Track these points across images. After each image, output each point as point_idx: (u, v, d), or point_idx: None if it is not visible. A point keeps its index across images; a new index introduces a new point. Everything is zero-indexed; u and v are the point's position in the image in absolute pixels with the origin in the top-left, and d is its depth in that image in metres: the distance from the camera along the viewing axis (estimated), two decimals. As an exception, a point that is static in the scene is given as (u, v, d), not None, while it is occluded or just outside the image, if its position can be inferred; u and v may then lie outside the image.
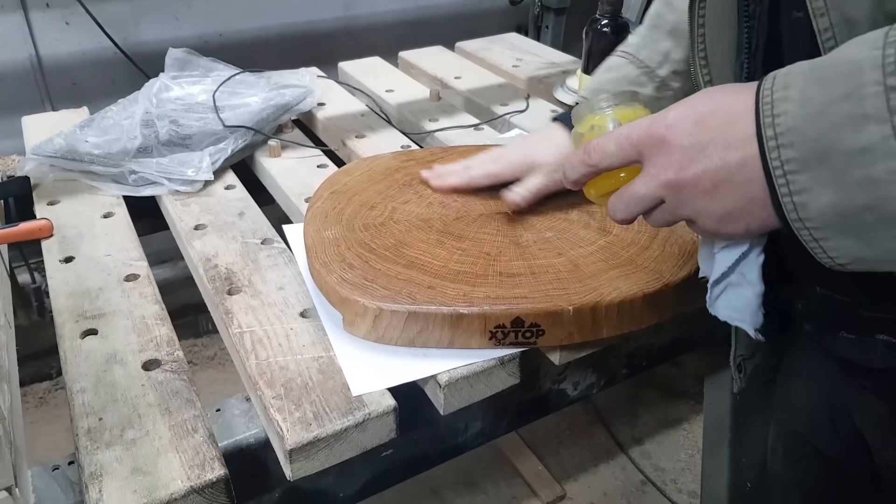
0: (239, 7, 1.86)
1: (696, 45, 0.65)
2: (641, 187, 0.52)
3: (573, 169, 0.57)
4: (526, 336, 0.68)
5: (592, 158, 0.55)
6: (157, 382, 0.67)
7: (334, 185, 0.89)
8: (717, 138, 0.48)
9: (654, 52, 0.82)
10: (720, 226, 0.50)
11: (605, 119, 0.59)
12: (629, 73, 0.83)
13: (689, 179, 0.49)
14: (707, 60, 0.65)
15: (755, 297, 0.57)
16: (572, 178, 0.58)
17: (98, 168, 1.01)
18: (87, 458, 0.59)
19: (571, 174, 0.57)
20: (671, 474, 1.75)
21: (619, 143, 0.53)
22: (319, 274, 0.73)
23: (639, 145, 0.52)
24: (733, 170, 0.47)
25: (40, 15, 1.62)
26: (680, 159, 0.49)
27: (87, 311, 0.77)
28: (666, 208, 0.53)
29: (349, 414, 0.63)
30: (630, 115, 0.58)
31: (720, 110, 0.48)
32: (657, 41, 0.82)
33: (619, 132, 0.53)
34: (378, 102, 1.35)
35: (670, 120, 0.50)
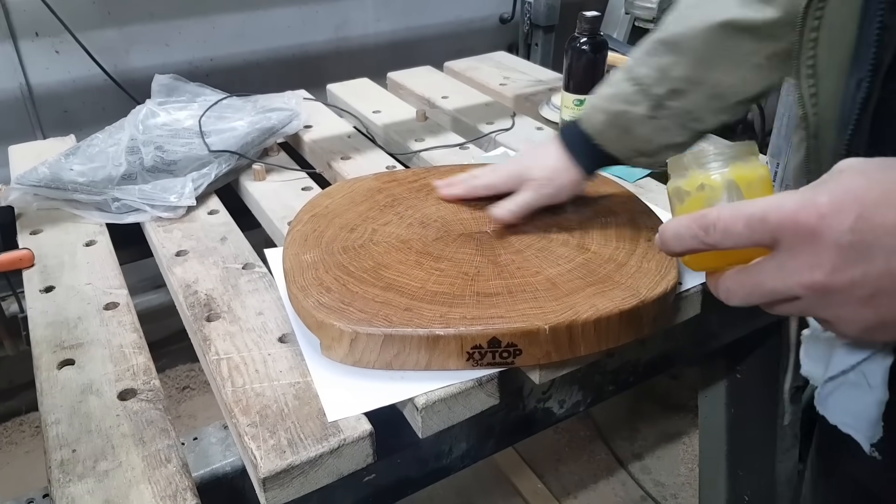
0: (229, 32, 1.87)
1: (804, 51, 0.58)
2: (774, 280, 0.44)
3: (678, 240, 0.47)
4: (503, 356, 0.67)
5: (711, 237, 0.45)
6: (133, 412, 0.67)
7: (315, 208, 0.89)
8: (882, 238, 0.40)
9: (651, 68, 0.76)
10: (866, 334, 0.44)
11: (720, 180, 0.49)
12: (623, 90, 0.78)
13: (843, 285, 0.41)
14: (815, 71, 0.58)
15: (876, 405, 0.50)
16: (675, 250, 0.48)
17: (81, 196, 1.02)
18: (59, 490, 0.59)
19: (675, 244, 0.47)
20: (671, 489, 1.74)
21: (751, 226, 0.43)
22: (296, 298, 0.73)
23: (777, 232, 0.42)
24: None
25: (30, 44, 1.63)
26: (833, 260, 0.41)
27: (65, 340, 0.76)
28: (800, 305, 0.44)
29: (324, 440, 0.62)
30: (749, 175, 0.49)
31: (889, 202, 0.40)
32: (657, 56, 0.76)
33: (752, 212, 0.43)
34: (365, 123, 1.35)
35: (824, 208, 0.41)
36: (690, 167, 0.50)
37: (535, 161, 0.85)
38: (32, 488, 0.67)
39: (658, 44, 0.76)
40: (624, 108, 0.77)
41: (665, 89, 0.75)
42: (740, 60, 0.72)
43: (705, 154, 0.50)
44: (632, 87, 0.77)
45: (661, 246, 0.49)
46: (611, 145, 0.80)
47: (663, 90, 0.75)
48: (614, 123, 0.78)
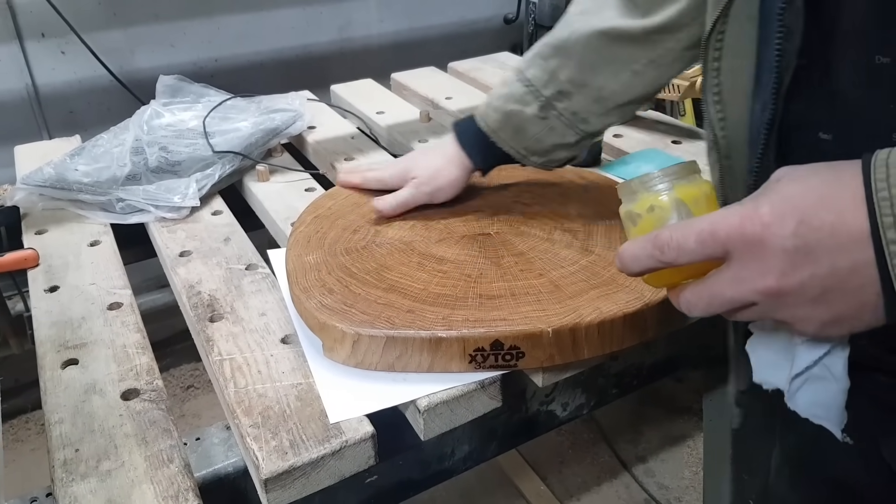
0: (234, 33, 1.87)
1: (709, 78, 0.61)
2: (730, 290, 0.46)
3: (636, 261, 0.49)
4: (506, 359, 0.67)
5: (667, 255, 0.47)
6: (136, 412, 0.67)
7: (318, 209, 0.89)
8: (824, 240, 0.42)
9: (541, 70, 0.80)
10: (822, 330, 0.46)
11: (667, 200, 0.51)
12: (516, 90, 0.81)
13: (793, 287, 0.43)
14: (721, 97, 0.61)
15: (841, 394, 0.52)
16: (634, 270, 0.50)
17: (86, 196, 1.02)
18: (62, 490, 0.59)
19: (633, 265, 0.49)
20: (675, 492, 1.73)
21: (701, 241, 0.45)
22: (299, 299, 0.73)
23: (727, 244, 0.45)
24: (844, 276, 0.42)
25: (36, 45, 1.63)
26: (781, 265, 0.43)
27: (69, 340, 0.77)
28: (758, 310, 0.47)
29: (326, 442, 0.62)
30: (694, 192, 0.51)
31: (825, 205, 0.42)
32: (546, 58, 0.80)
33: (702, 227, 0.45)
34: (368, 124, 1.35)
35: (767, 217, 0.43)
36: (639, 191, 0.52)
37: (422, 160, 0.89)
38: (38, 486, 0.67)
39: (548, 47, 0.80)
40: (517, 108, 0.81)
41: (552, 91, 0.79)
42: (620, 66, 0.77)
43: (651, 177, 0.52)
44: (523, 87, 0.80)
45: (621, 268, 0.50)
46: (505, 144, 0.83)
47: (551, 92, 0.79)
48: (507, 122, 0.82)
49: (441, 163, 0.87)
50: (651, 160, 1.15)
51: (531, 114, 0.80)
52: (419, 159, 0.90)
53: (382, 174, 0.91)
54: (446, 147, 0.87)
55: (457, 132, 0.87)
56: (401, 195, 0.86)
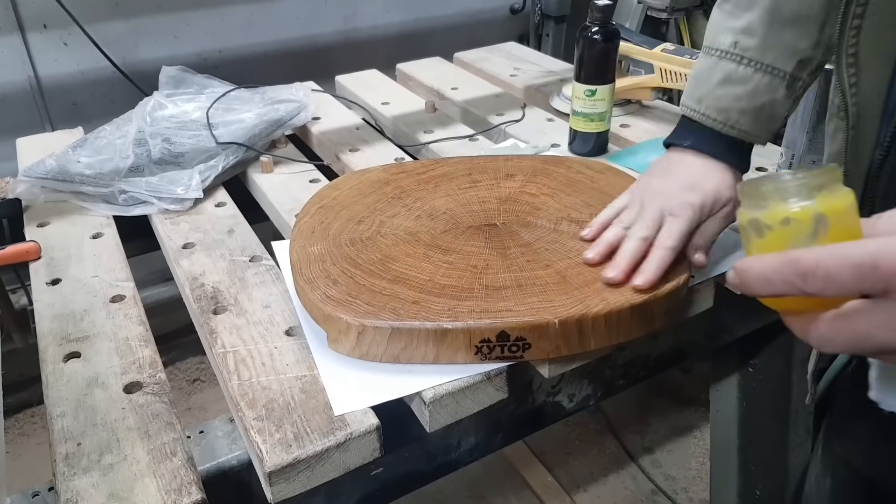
0: (238, 23, 1.86)
1: (846, 38, 0.56)
2: (884, 334, 0.39)
3: (766, 284, 0.41)
4: (512, 350, 0.67)
5: (810, 285, 0.39)
6: (138, 405, 0.66)
7: (323, 200, 0.89)
8: None
9: (780, 51, 0.72)
10: None
11: (807, 213, 0.43)
12: (759, 83, 0.74)
13: None
14: (856, 60, 0.56)
15: None
16: (760, 292, 0.42)
17: (88, 188, 1.01)
18: (64, 484, 0.58)
19: (760, 287, 0.42)
20: (682, 483, 1.72)
21: (860, 274, 0.38)
22: (303, 291, 0.72)
23: (891, 280, 0.37)
24: None
25: (38, 36, 1.63)
26: None
27: (71, 333, 0.76)
28: None
29: (331, 434, 0.61)
30: (839, 205, 0.43)
31: None
32: (780, 36, 0.72)
33: (862, 259, 0.38)
34: (374, 115, 1.34)
35: None
36: (771, 197, 0.44)
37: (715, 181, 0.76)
38: (43, 480, 0.66)
39: (776, 24, 0.72)
40: (768, 99, 0.74)
41: (793, 64, 0.73)
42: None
43: (788, 182, 0.43)
44: (766, 75, 0.74)
45: (741, 287, 0.43)
46: (758, 138, 0.78)
47: (792, 66, 0.73)
48: (761, 116, 0.76)
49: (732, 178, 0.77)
50: (658, 150, 1.13)
51: (781, 97, 0.75)
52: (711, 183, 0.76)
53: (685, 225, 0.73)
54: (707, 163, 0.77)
55: (706, 151, 0.77)
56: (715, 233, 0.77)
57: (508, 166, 0.95)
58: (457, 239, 0.80)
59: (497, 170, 0.94)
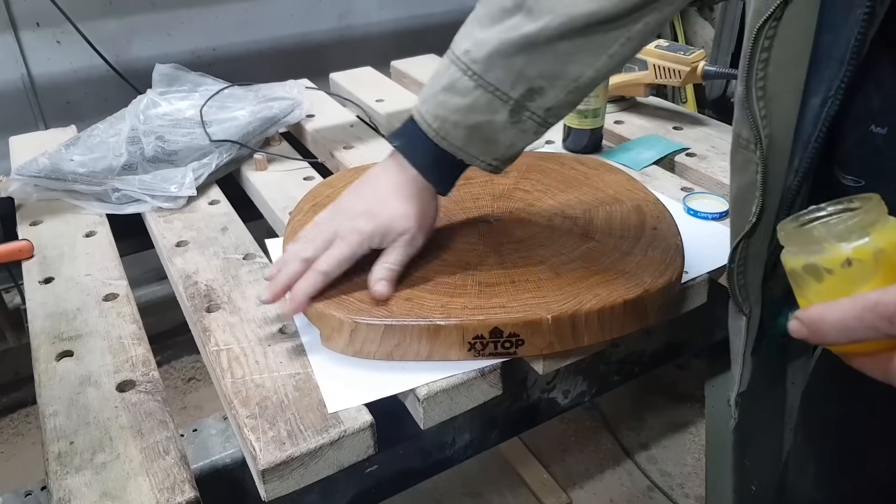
0: (231, 21, 1.86)
1: (754, 72, 0.56)
2: None
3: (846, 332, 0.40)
4: (505, 346, 0.67)
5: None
6: (131, 404, 0.66)
7: (316, 198, 0.88)
8: None
9: (504, 71, 0.66)
10: None
11: (867, 251, 0.41)
12: (478, 100, 0.67)
13: None
14: (765, 92, 0.56)
15: None
16: (839, 341, 0.41)
17: (81, 187, 1.01)
18: (57, 483, 0.58)
19: (840, 336, 0.40)
20: (678, 479, 1.73)
21: None
22: (297, 288, 0.72)
23: None
24: None
25: (31, 34, 1.62)
26: None
27: (64, 332, 0.76)
28: None
29: (324, 432, 0.61)
30: (894, 237, 0.42)
31: None
32: (509, 56, 0.65)
33: None
34: (368, 112, 1.34)
35: None
36: (825, 241, 0.42)
37: (391, 210, 0.71)
38: (38, 480, 0.66)
39: (508, 45, 0.65)
40: (484, 119, 0.67)
41: (522, 90, 0.66)
42: (598, 51, 0.65)
43: (839, 221, 0.42)
44: (487, 94, 0.67)
45: (812, 338, 0.41)
46: (475, 160, 0.70)
47: (520, 92, 0.66)
48: (475, 136, 0.68)
49: (416, 206, 0.72)
50: (652, 146, 1.13)
51: (501, 121, 0.67)
52: (384, 209, 0.71)
53: (345, 251, 0.70)
54: (400, 181, 0.72)
55: (409, 157, 0.72)
56: (399, 262, 0.71)
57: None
58: (450, 236, 0.80)
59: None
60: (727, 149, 1.11)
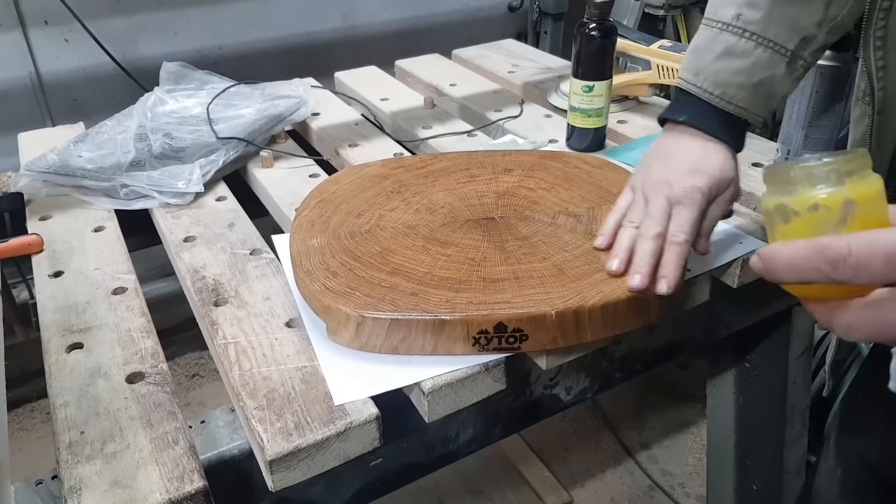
0: (237, 20, 1.87)
1: (874, 21, 0.55)
2: None
3: (793, 271, 0.40)
4: (509, 341, 0.67)
5: (840, 273, 0.38)
6: (140, 395, 0.67)
7: (322, 194, 0.89)
8: None
9: (783, 27, 0.71)
10: None
11: (836, 199, 0.42)
12: (760, 58, 0.72)
13: None
14: (885, 43, 0.56)
15: None
16: (786, 279, 0.42)
17: (90, 182, 1.02)
18: (68, 472, 0.59)
19: (787, 274, 0.41)
20: (679, 478, 1.73)
21: (892, 263, 0.37)
22: (303, 282, 0.73)
23: None
24: None
25: (39, 32, 1.63)
26: None
27: (74, 325, 0.77)
28: None
29: (331, 423, 0.62)
30: (868, 192, 0.42)
31: None
32: (785, 10, 0.70)
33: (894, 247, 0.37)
34: (373, 111, 1.35)
35: None
36: (799, 182, 0.43)
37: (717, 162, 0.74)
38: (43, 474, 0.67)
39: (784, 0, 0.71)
40: (767, 75, 0.72)
41: (796, 41, 0.71)
42: None
43: (817, 167, 0.43)
44: (769, 51, 0.72)
45: (766, 273, 0.42)
46: (756, 116, 0.75)
47: (795, 43, 0.71)
48: (759, 93, 0.74)
49: (732, 157, 0.75)
50: (655, 145, 1.14)
51: (780, 74, 0.73)
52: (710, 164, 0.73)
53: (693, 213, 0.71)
54: (698, 144, 0.75)
55: (701, 128, 0.75)
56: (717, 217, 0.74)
57: (506, 161, 0.96)
58: (455, 232, 0.80)
59: (495, 165, 0.95)
60: (730, 148, 1.11)
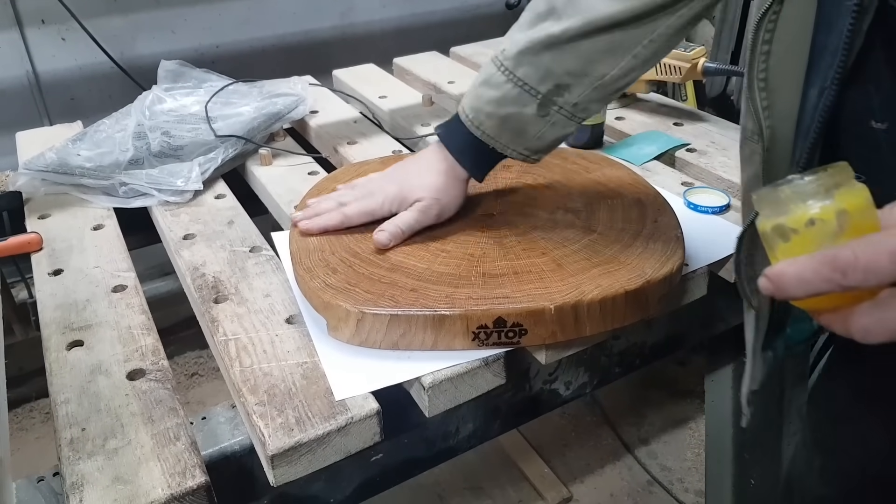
0: (235, 19, 1.87)
1: (756, 64, 0.58)
2: None
3: (804, 285, 0.41)
4: (509, 336, 0.68)
5: (851, 278, 0.39)
6: (141, 392, 0.67)
7: (321, 192, 0.90)
8: None
9: (532, 67, 0.72)
10: None
11: (830, 212, 0.43)
12: (508, 93, 0.73)
13: None
14: (767, 84, 0.58)
15: None
16: (798, 294, 0.42)
17: (89, 181, 1.02)
18: (69, 468, 0.59)
19: (799, 289, 0.42)
20: (678, 474, 1.74)
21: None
22: (303, 279, 0.73)
23: None
24: None
25: (36, 31, 1.63)
26: None
27: (74, 322, 0.77)
28: None
29: (332, 418, 0.62)
30: (858, 200, 0.44)
31: None
32: (536, 54, 0.71)
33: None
34: (371, 109, 1.35)
35: None
36: (792, 202, 0.45)
37: (415, 179, 0.81)
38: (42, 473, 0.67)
39: (536, 43, 0.71)
40: (513, 110, 0.74)
41: (550, 86, 0.72)
42: (622, 53, 0.70)
43: (805, 185, 0.44)
44: (516, 88, 0.73)
45: (777, 292, 0.43)
46: (506, 148, 0.77)
47: (548, 87, 0.72)
48: (506, 126, 0.75)
49: (441, 180, 0.79)
50: (653, 142, 1.14)
51: (530, 114, 0.74)
52: (412, 179, 0.81)
53: (368, 206, 0.81)
54: (434, 160, 0.80)
55: (445, 142, 0.79)
56: (406, 222, 0.79)
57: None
58: (454, 228, 0.81)
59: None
60: (727, 144, 1.12)
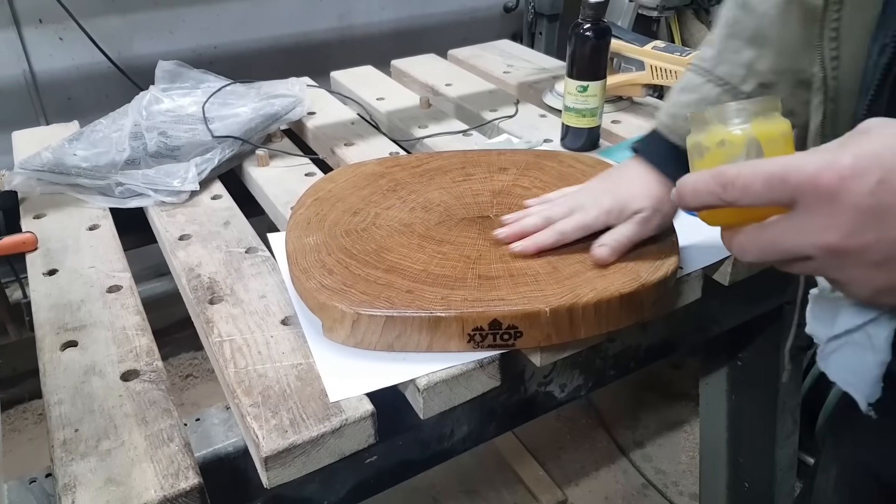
0: (233, 20, 1.87)
1: (829, 12, 0.56)
2: (789, 240, 0.44)
3: (695, 195, 0.46)
4: (504, 338, 0.68)
5: (729, 194, 0.44)
6: (135, 393, 0.67)
7: (318, 192, 0.89)
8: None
9: (734, 65, 0.70)
10: (875, 297, 0.44)
11: (741, 136, 0.47)
12: (708, 93, 0.71)
13: (856, 248, 0.41)
14: (838, 33, 0.56)
15: (877, 366, 0.51)
16: (691, 204, 0.47)
17: (85, 181, 1.02)
18: (62, 469, 0.59)
19: (692, 199, 0.47)
20: (672, 477, 1.74)
21: (770, 185, 0.42)
22: (299, 280, 0.73)
23: (797, 192, 0.42)
24: None
25: (33, 31, 1.63)
26: (849, 223, 0.41)
27: (68, 323, 0.77)
28: (812, 265, 0.44)
29: (326, 420, 0.62)
30: (771, 131, 0.47)
31: None
32: (737, 52, 0.69)
33: (773, 171, 0.42)
34: (368, 110, 1.35)
35: (846, 170, 0.40)
36: (711, 122, 0.49)
37: (635, 189, 0.76)
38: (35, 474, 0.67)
39: (735, 39, 0.70)
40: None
41: (753, 85, 0.70)
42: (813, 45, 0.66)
43: (727, 109, 0.48)
44: (717, 88, 0.71)
45: (678, 201, 0.48)
46: None
47: (751, 87, 0.70)
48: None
49: (657, 190, 0.75)
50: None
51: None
52: (631, 189, 0.76)
53: (584, 219, 0.76)
54: (640, 170, 0.77)
55: (644, 155, 0.77)
56: (624, 235, 0.74)
57: (501, 160, 0.97)
58: (450, 230, 0.81)
59: (490, 163, 0.96)
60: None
